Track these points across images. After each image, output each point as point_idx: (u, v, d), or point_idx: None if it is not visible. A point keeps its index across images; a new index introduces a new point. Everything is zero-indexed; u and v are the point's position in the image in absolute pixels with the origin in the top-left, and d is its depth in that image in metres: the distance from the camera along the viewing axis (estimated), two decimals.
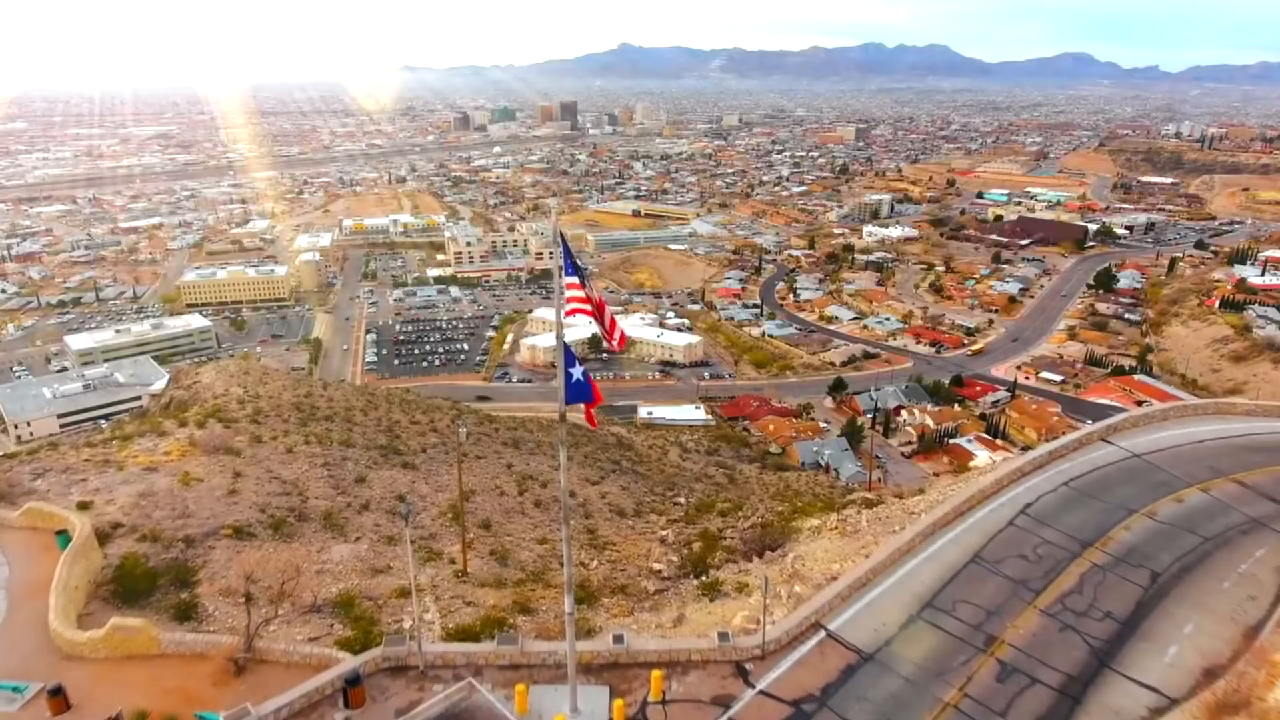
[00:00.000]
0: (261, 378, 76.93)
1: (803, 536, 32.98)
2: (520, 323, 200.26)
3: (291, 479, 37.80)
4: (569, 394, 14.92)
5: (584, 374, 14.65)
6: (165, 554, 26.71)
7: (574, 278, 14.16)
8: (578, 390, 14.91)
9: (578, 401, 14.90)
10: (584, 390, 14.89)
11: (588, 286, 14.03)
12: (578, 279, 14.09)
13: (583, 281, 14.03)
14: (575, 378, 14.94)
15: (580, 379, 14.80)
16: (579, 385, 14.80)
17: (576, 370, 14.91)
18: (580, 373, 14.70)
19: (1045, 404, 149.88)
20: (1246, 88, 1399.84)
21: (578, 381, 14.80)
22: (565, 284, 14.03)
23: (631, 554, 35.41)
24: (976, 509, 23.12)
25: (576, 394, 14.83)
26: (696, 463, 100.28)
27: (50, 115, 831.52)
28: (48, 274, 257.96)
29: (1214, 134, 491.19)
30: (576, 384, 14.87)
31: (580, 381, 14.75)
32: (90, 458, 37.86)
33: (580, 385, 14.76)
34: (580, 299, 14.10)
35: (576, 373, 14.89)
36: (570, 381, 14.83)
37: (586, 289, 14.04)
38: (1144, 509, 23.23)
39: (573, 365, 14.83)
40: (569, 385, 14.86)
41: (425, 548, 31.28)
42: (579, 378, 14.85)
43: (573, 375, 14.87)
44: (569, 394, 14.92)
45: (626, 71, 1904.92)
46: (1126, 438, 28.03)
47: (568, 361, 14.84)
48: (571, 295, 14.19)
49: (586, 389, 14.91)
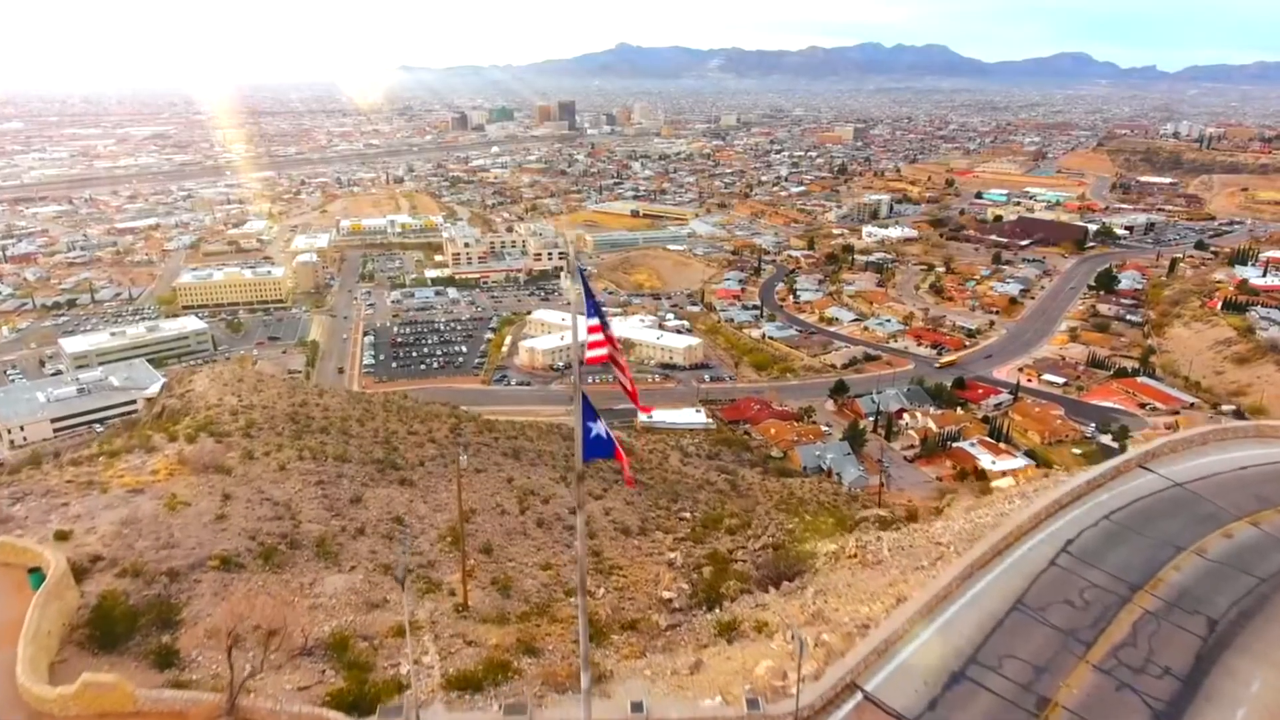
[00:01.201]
0: (256, 385, 75.36)
1: (820, 563, 31.46)
2: (519, 325, 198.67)
3: (284, 500, 36.25)
4: (587, 450, 13.38)
5: (606, 430, 12.99)
6: (147, 590, 25.16)
7: (595, 319, 12.57)
8: (596, 446, 13.31)
9: (596, 458, 13.27)
10: (604, 447, 13.29)
11: (609, 331, 12.41)
12: (599, 321, 12.47)
13: (604, 325, 12.40)
14: (595, 433, 13.22)
15: (602, 435, 13.21)
16: (598, 441, 13.20)
17: (597, 425, 13.21)
18: (601, 428, 13.08)
19: (1048, 406, 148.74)
20: (1244, 87, 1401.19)
21: (597, 436, 13.20)
22: (589, 325, 12.42)
23: (639, 579, 33.88)
24: (1015, 546, 21.63)
25: (595, 450, 13.21)
26: (698, 467, 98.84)
27: (46, 115, 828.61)
28: (43, 275, 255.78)
29: (1212, 134, 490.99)
30: (595, 439, 13.30)
31: (601, 437, 13.14)
32: (74, 478, 36.28)
33: (600, 441, 13.16)
34: (600, 343, 12.46)
35: (597, 428, 13.18)
36: (589, 437, 13.24)
37: (608, 334, 12.41)
38: (1193, 546, 21.76)
39: (592, 419, 13.16)
40: (587, 441, 13.32)
41: (424, 577, 29.78)
42: (599, 433, 13.24)
43: (591, 430, 13.18)
44: (587, 450, 13.38)
45: (625, 71, 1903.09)
46: (1165, 465, 26.57)
47: (587, 415, 13.13)
48: (592, 340, 12.58)
49: (608, 445, 13.29)
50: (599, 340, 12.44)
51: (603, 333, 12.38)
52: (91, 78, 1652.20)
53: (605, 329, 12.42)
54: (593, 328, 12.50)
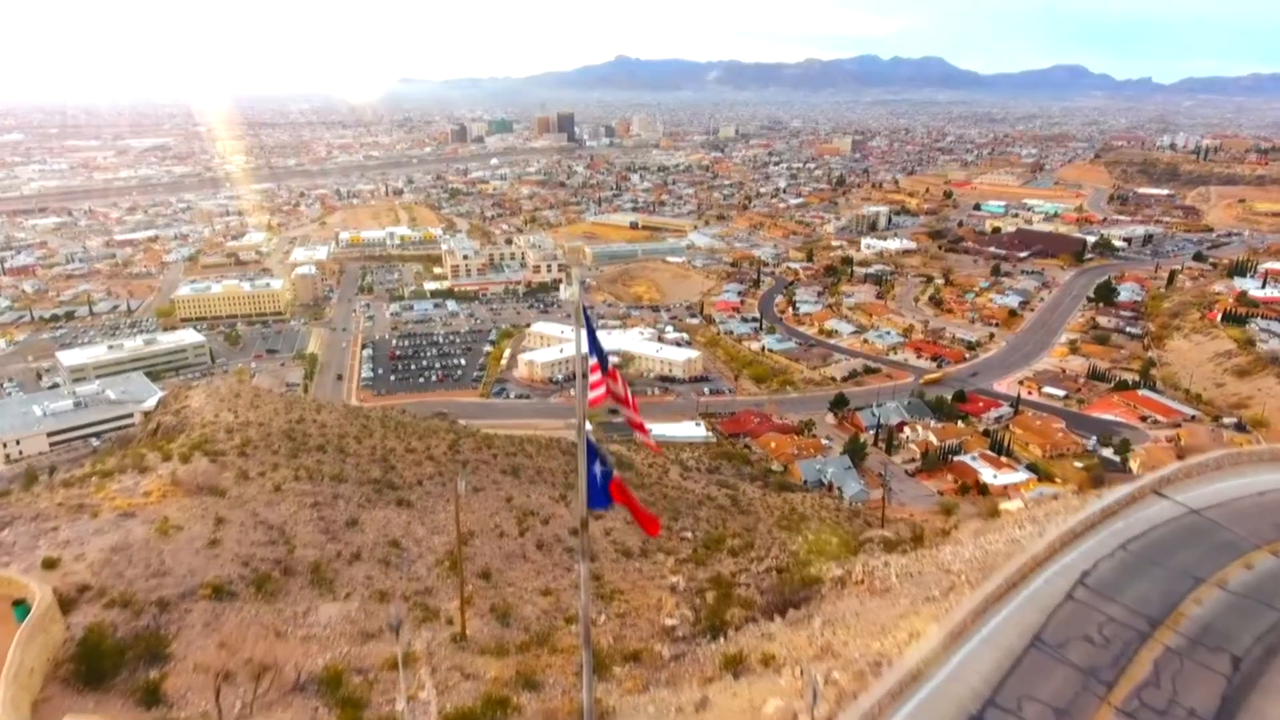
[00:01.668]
0: (253, 401, 74.68)
1: (826, 589, 30.78)
2: (518, 337, 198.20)
3: (278, 523, 35.58)
4: (592, 498, 12.41)
5: (607, 472, 12.22)
6: (136, 621, 24.47)
7: (595, 359, 11.89)
8: (602, 495, 12.56)
9: (600, 506, 12.54)
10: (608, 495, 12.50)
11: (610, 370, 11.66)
12: (599, 361, 11.77)
13: (603, 365, 11.66)
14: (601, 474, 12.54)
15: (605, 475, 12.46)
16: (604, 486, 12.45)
17: (600, 470, 12.57)
18: (604, 472, 12.35)
19: (1049, 419, 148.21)
20: (1239, 99, 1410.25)
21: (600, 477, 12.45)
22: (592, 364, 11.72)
23: (641, 605, 33.19)
24: (1030, 578, 21.00)
25: (600, 497, 12.47)
26: (698, 482, 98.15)
27: (47, 127, 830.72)
28: (41, 287, 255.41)
29: (1209, 145, 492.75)
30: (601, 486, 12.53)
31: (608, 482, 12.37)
32: (64, 501, 35.60)
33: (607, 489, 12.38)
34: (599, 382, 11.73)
35: (599, 470, 12.51)
36: (594, 481, 12.50)
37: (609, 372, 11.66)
38: (1213, 577, 21.14)
39: (596, 462, 12.57)
40: (592, 488, 12.34)
41: (421, 605, 29.10)
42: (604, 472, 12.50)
43: (596, 476, 12.26)
44: (592, 498, 12.41)
45: (623, 83, 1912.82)
46: (1181, 491, 25.99)
47: (590, 458, 12.24)
48: (598, 379, 11.90)
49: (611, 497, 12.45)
50: (599, 380, 11.77)
51: (602, 373, 11.69)
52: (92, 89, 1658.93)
53: (605, 368, 11.74)
54: (594, 366, 11.81)
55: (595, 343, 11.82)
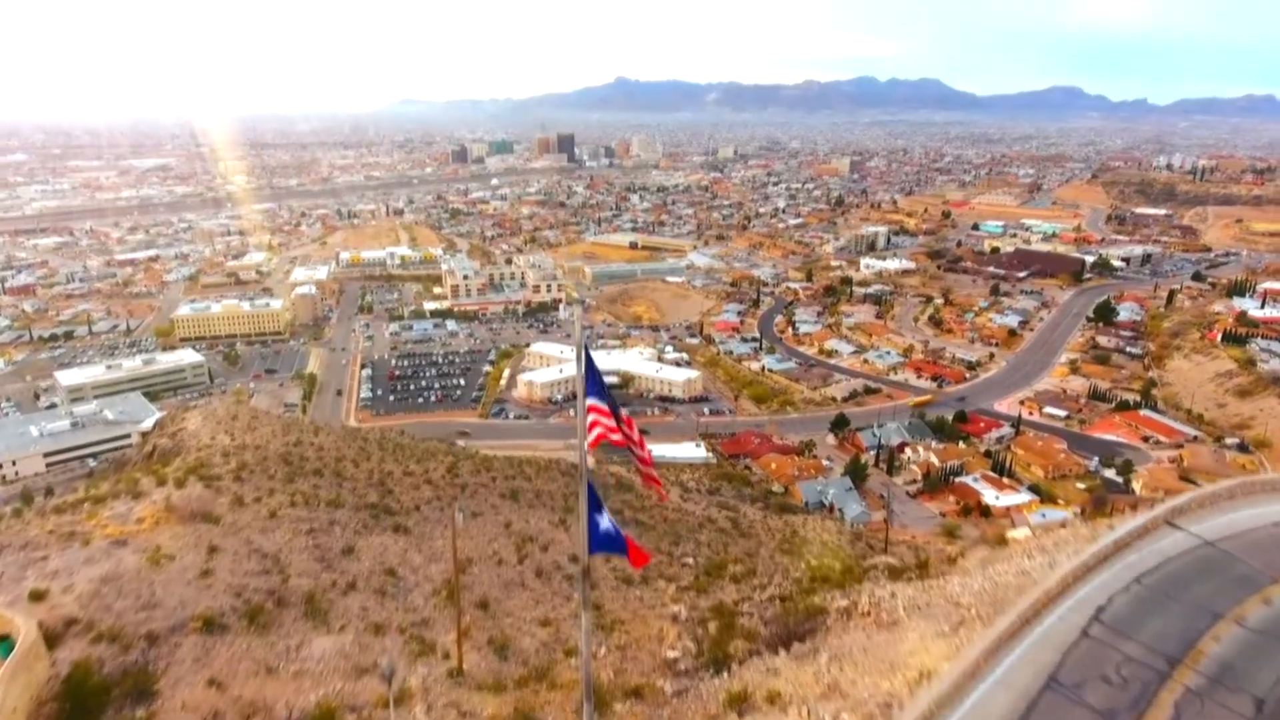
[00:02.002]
0: (250, 423, 74.12)
1: (831, 620, 30.10)
2: (517, 357, 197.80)
3: (273, 551, 34.95)
4: (593, 544, 11.81)
5: (613, 524, 11.59)
6: (124, 657, 23.81)
7: (599, 400, 11.38)
8: (604, 541, 11.78)
9: (603, 552, 11.95)
10: (612, 541, 11.79)
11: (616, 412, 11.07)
12: (602, 402, 11.22)
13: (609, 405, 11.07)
14: (602, 526, 11.73)
15: (609, 529, 11.68)
16: (606, 536, 11.85)
17: (604, 519, 11.75)
18: (609, 522, 11.78)
19: (1051, 440, 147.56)
20: (1234, 120, 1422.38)
21: (606, 531, 11.65)
22: (589, 405, 11.14)
23: (642, 635, 32.46)
24: (1043, 614, 20.43)
25: (603, 545, 11.86)
26: (698, 504, 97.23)
27: (50, 147, 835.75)
28: (41, 307, 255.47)
29: (1205, 166, 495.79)
30: (604, 533, 11.74)
31: (609, 532, 11.77)
32: (55, 528, 34.97)
33: (609, 536, 11.77)
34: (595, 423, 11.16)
35: (604, 521, 11.73)
36: (595, 530, 11.72)
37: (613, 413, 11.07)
38: (1231, 613, 20.56)
39: (598, 511, 11.77)
40: (594, 536, 11.78)
41: (417, 638, 28.41)
42: (607, 527, 11.69)
43: (599, 523, 11.69)
44: (593, 544, 11.81)
45: (623, 105, 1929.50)
46: (1194, 521, 25.46)
47: (592, 505, 11.70)
48: (595, 420, 11.35)
49: (617, 541, 11.74)
50: (605, 422, 11.16)
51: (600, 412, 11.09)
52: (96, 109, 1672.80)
53: (611, 410, 11.14)
54: (593, 407, 11.22)
55: (596, 382, 11.33)
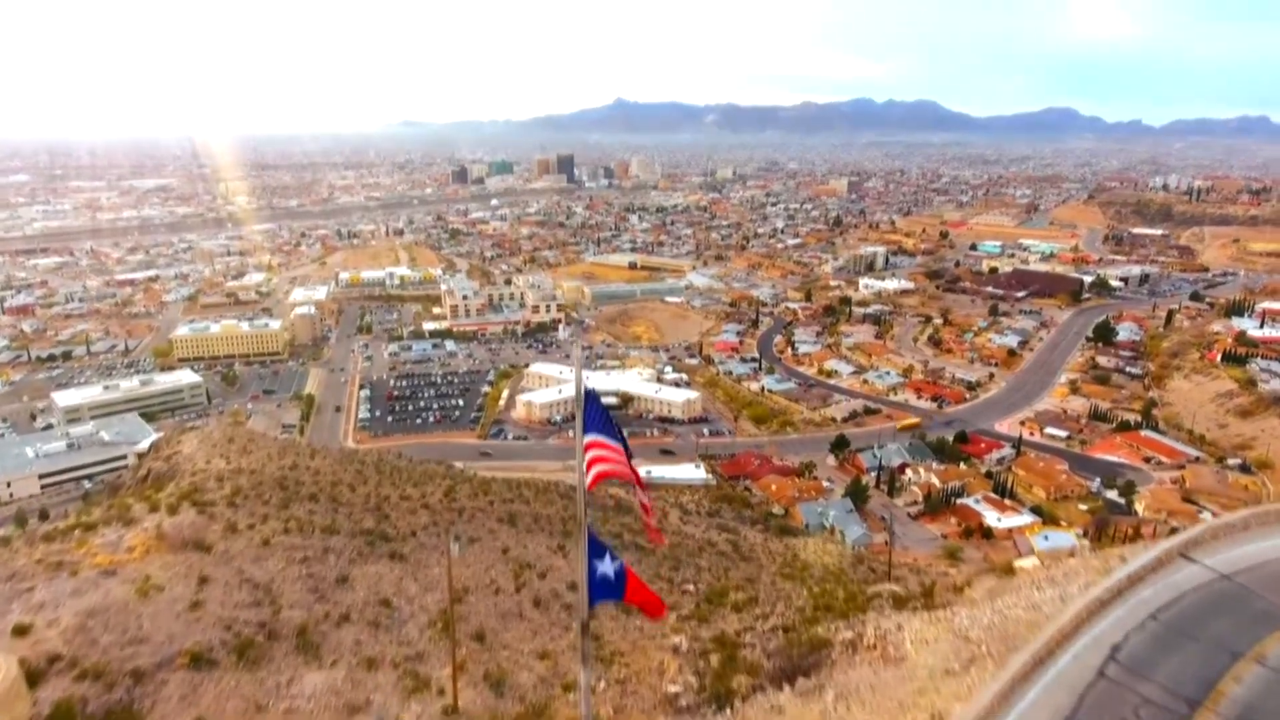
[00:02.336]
0: (246, 446, 73.39)
1: (836, 653, 29.34)
2: (516, 377, 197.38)
3: (265, 581, 34.24)
4: (594, 592, 11.03)
5: (615, 569, 10.90)
6: (108, 695, 23.08)
7: (599, 434, 10.81)
8: (605, 588, 11.02)
9: (605, 600, 11.24)
10: (613, 588, 10.91)
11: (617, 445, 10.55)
12: (601, 436, 10.66)
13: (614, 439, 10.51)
14: (601, 571, 10.92)
15: (609, 574, 10.88)
16: (606, 581, 11.14)
17: (606, 564, 10.96)
18: (612, 566, 11.03)
19: (1052, 461, 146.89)
20: (1228, 141, 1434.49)
21: (604, 576, 10.82)
22: (586, 442, 10.62)
23: (642, 668, 31.67)
24: (1057, 653, 19.81)
25: (605, 592, 11.19)
26: (698, 526, 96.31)
27: (52, 168, 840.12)
28: (40, 327, 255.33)
29: (1201, 186, 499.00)
30: (602, 579, 10.93)
31: (608, 578, 11.04)
32: (44, 557, 34.24)
33: (612, 583, 11.07)
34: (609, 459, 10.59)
35: (606, 567, 10.93)
36: (594, 576, 10.89)
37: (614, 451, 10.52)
38: (1250, 651, 19.93)
39: (599, 556, 10.96)
40: (593, 583, 10.97)
41: (411, 673, 27.68)
42: (607, 571, 10.88)
43: (598, 569, 10.88)
44: (594, 592, 11.03)
45: (622, 126, 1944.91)
46: (1208, 553, 24.89)
47: (593, 551, 10.91)
48: (596, 455, 10.75)
49: (617, 587, 10.93)
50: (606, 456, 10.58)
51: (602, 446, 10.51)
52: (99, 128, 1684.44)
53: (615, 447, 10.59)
54: (592, 443, 10.61)
55: (597, 415, 10.80)
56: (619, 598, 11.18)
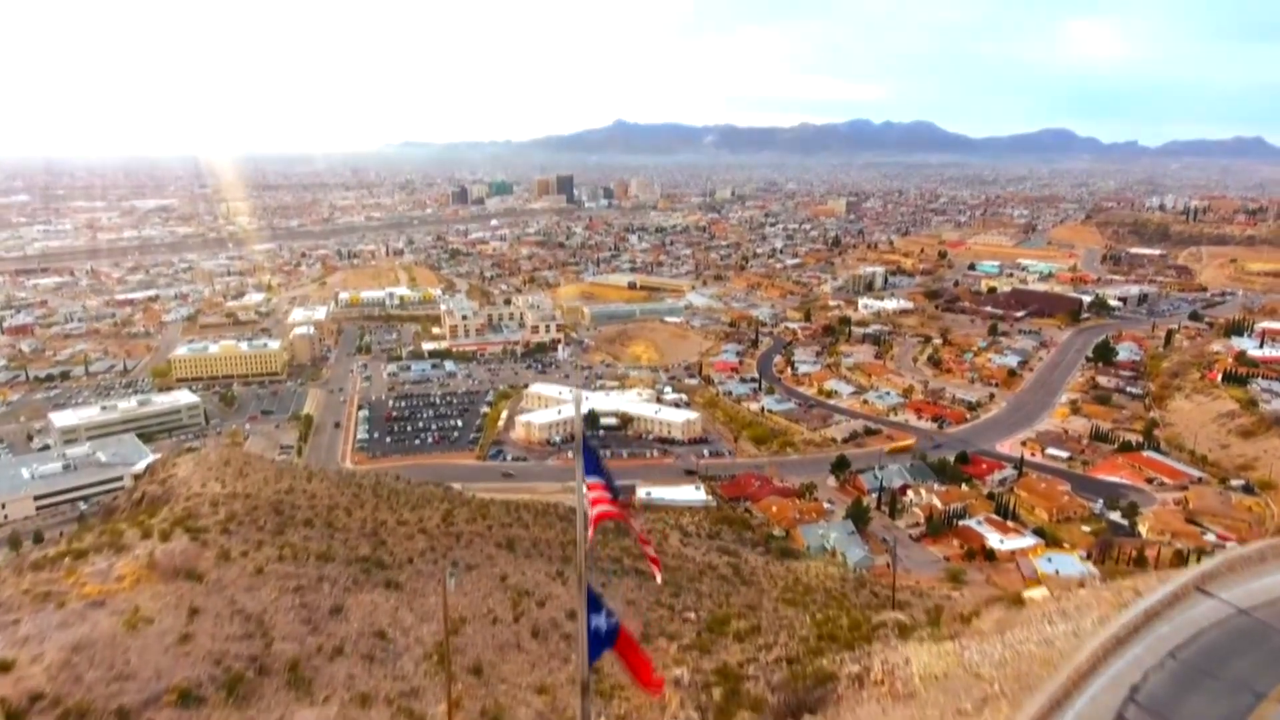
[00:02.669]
0: (242, 469, 72.60)
1: (842, 687, 28.58)
2: (515, 398, 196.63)
3: (257, 612, 33.48)
4: (593, 650, 10.58)
5: (614, 624, 10.39)
6: None
7: (597, 478, 10.42)
8: (598, 643, 10.75)
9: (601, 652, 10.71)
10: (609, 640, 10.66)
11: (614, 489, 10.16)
12: (601, 480, 10.29)
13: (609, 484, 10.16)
14: (596, 625, 10.61)
15: (605, 628, 10.52)
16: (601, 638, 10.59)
17: (601, 619, 10.64)
18: (607, 621, 10.58)
19: (1054, 482, 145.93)
20: (1224, 161, 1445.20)
21: (598, 630, 10.50)
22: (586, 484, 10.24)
23: (643, 703, 30.90)
24: (1074, 694, 19.18)
25: (598, 648, 10.68)
26: (699, 548, 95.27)
27: (54, 188, 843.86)
28: (39, 347, 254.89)
29: (1197, 206, 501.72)
30: (596, 633, 10.50)
31: (608, 634, 10.52)
32: (31, 587, 33.47)
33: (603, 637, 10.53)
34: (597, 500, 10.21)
35: (601, 621, 10.61)
36: (591, 631, 10.55)
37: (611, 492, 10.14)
38: (1274, 692, 19.29)
39: (596, 611, 10.68)
40: (591, 641, 10.63)
41: (405, 709, 26.94)
42: (602, 625, 10.55)
43: (595, 625, 10.57)
44: (593, 650, 10.58)
45: (621, 147, 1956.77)
46: (1225, 587, 24.27)
47: (591, 606, 10.59)
48: (595, 497, 10.38)
49: (609, 640, 10.60)
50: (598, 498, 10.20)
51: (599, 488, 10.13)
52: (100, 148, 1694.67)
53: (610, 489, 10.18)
54: (592, 485, 10.26)
55: (595, 461, 10.34)
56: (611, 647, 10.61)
